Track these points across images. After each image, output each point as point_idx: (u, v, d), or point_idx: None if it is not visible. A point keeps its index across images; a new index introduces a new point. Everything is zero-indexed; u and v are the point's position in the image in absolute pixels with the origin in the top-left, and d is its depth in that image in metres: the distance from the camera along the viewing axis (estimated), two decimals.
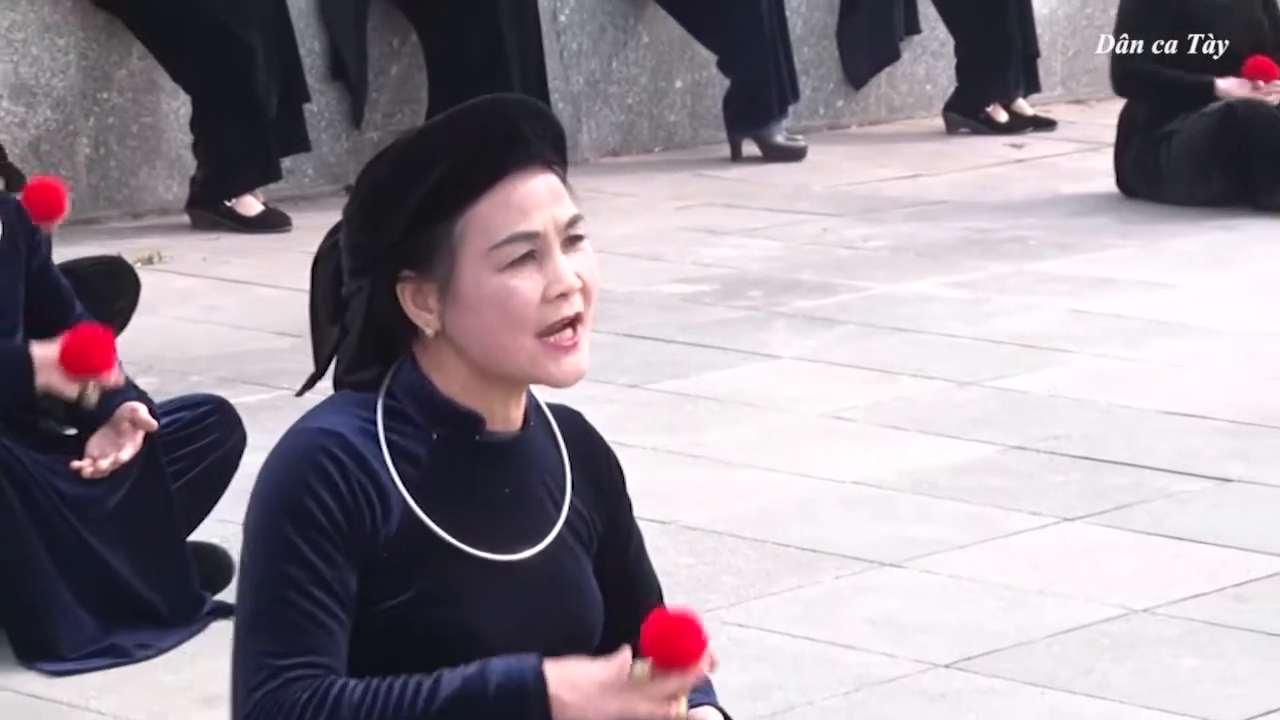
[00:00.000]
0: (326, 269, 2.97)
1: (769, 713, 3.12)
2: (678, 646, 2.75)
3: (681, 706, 2.77)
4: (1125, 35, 8.74)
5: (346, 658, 2.85)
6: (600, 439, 3.10)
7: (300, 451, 2.88)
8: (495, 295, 2.88)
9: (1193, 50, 8.60)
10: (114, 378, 4.65)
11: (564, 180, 2.87)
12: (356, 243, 2.94)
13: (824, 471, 5.70)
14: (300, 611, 2.85)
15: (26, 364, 4.63)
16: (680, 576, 3.38)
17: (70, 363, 4.61)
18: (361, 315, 2.94)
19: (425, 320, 2.89)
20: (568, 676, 2.76)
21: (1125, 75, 8.72)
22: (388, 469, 2.90)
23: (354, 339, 2.96)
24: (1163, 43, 8.61)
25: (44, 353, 4.63)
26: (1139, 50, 8.66)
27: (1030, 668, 4.53)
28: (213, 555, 4.72)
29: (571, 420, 3.10)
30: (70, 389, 4.64)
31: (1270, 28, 8.76)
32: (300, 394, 3.07)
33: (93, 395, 4.64)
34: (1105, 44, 9.12)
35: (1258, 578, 5.00)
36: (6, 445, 4.58)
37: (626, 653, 2.73)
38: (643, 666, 2.71)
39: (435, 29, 8.76)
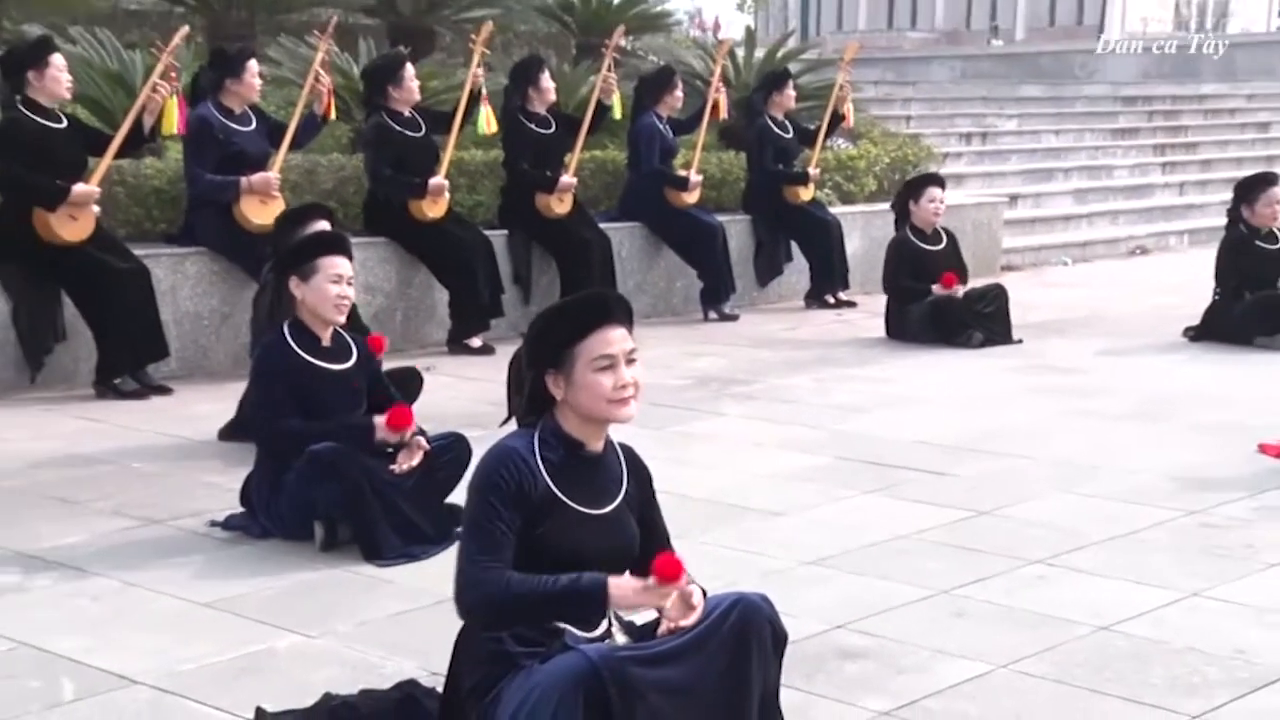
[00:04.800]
0: (515, 367, 3.04)
1: (722, 587, 3.06)
2: (668, 572, 2.83)
3: (668, 601, 2.86)
4: (890, 270, 8.69)
5: (513, 562, 2.88)
6: (641, 460, 3.22)
7: (496, 454, 2.98)
8: (591, 383, 2.92)
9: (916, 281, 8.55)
10: (412, 429, 4.73)
11: (630, 331, 2.97)
12: (529, 355, 3.00)
13: (750, 470, 5.66)
14: (490, 534, 2.88)
15: (370, 430, 4.71)
16: (678, 522, 3.32)
17: (392, 425, 4.70)
18: (528, 389, 2.99)
19: (558, 393, 2.93)
20: (618, 582, 2.86)
21: (894, 286, 8.66)
22: (539, 466, 2.96)
23: (525, 401, 3.01)
24: (905, 276, 8.52)
25: (378, 421, 4.71)
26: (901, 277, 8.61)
27: (850, 564, 4.49)
28: (454, 509, 4.68)
29: (629, 450, 3.19)
30: (392, 439, 4.72)
31: (959, 258, 8.73)
32: (501, 425, 3.15)
33: (405, 438, 4.73)
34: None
35: (957, 520, 4.96)
36: (363, 458, 4.60)
37: (650, 579, 2.84)
38: (653, 580, 2.83)
39: (563, 260, 8.75)
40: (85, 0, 10.83)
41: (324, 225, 5.52)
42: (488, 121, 8.42)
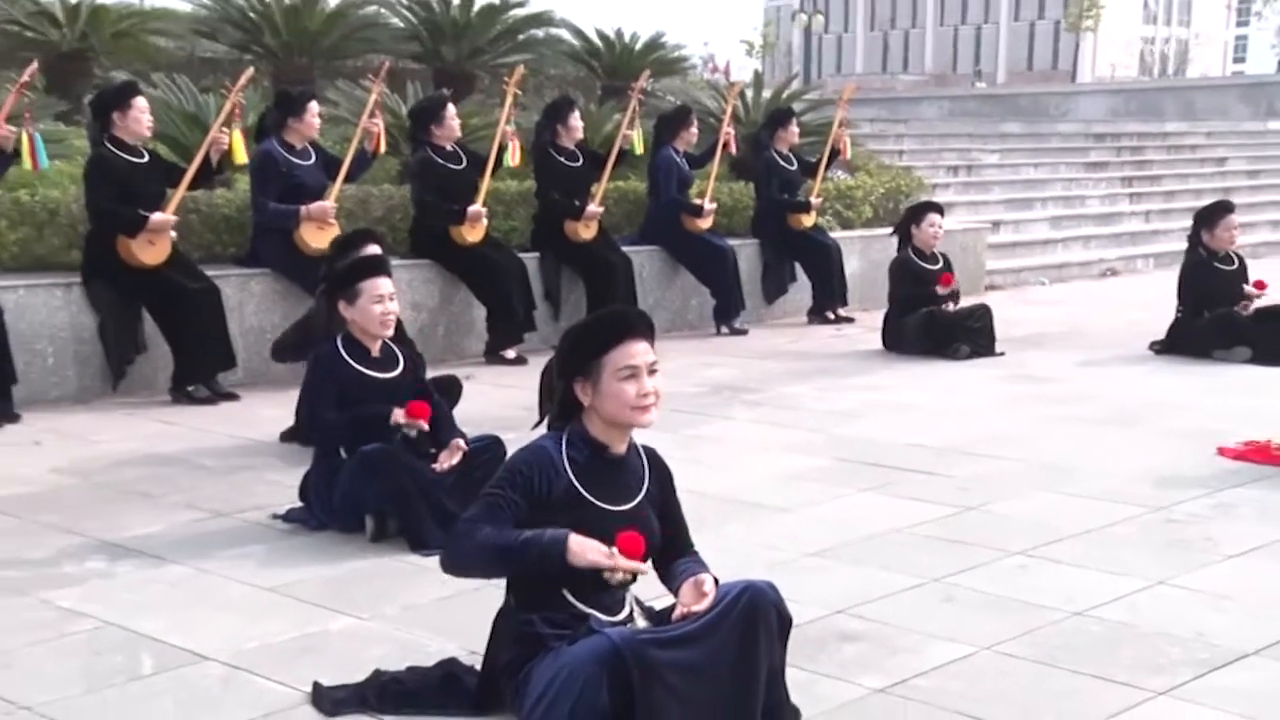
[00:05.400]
0: (547, 377, 3.03)
1: (733, 575, 3.04)
2: (629, 549, 2.85)
3: (618, 573, 2.85)
4: (895, 285, 8.66)
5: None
6: (662, 461, 3.17)
7: (526, 451, 3.00)
8: (616, 391, 2.90)
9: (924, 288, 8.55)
10: (424, 423, 4.72)
11: (651, 344, 2.94)
12: (560, 365, 2.98)
13: (758, 470, 5.63)
14: (491, 506, 2.89)
15: (387, 418, 4.69)
16: (693, 516, 3.31)
17: (410, 415, 4.68)
18: (559, 396, 2.98)
19: (585, 399, 2.91)
20: (579, 539, 2.83)
21: (900, 297, 8.61)
22: (565, 464, 2.94)
23: (555, 406, 2.99)
24: (910, 288, 8.49)
25: (396, 412, 4.69)
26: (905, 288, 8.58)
27: (849, 555, 4.47)
28: None
29: (651, 451, 3.17)
30: (406, 424, 4.69)
31: (945, 266, 8.74)
32: (532, 429, 3.14)
33: (421, 426, 4.71)
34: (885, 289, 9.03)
35: (946, 515, 4.92)
36: (409, 460, 4.59)
37: (614, 549, 2.84)
38: (616, 550, 2.84)
39: (590, 279, 8.74)
40: (165, 50, 10.92)
41: (374, 248, 5.52)
42: (513, 155, 8.44)
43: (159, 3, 12.19)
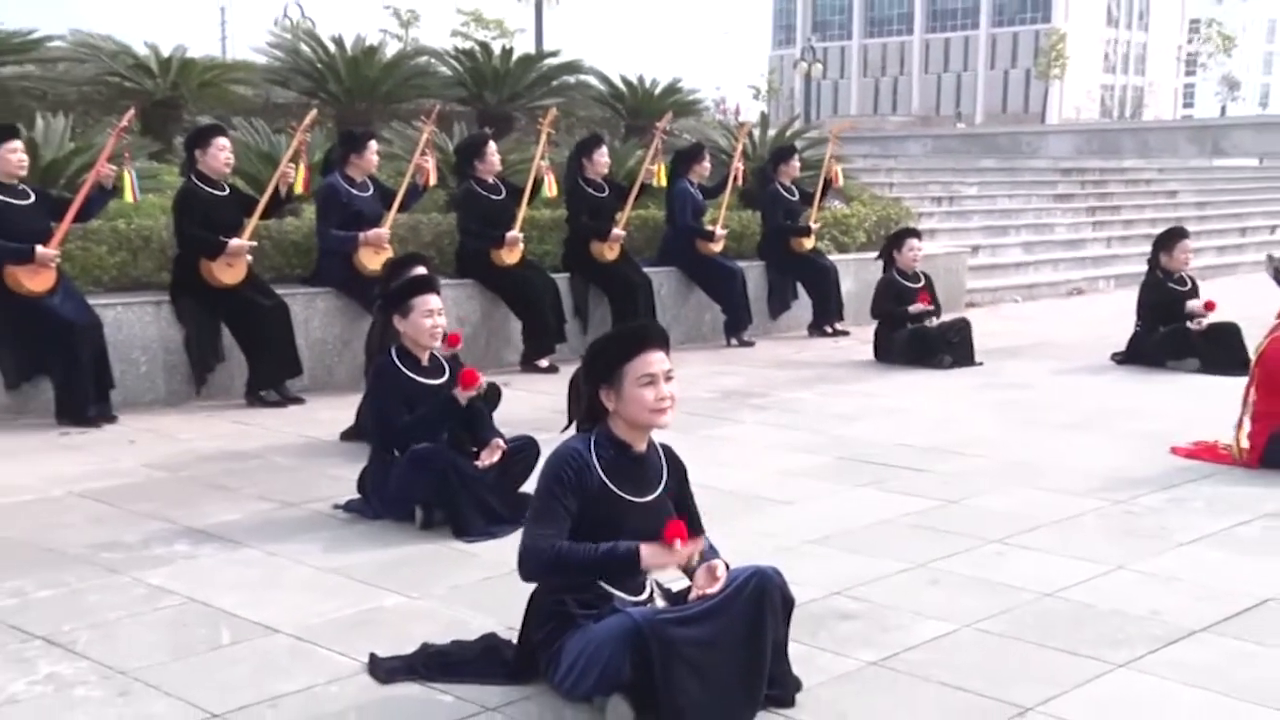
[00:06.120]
0: (575, 384, 3.00)
1: (740, 561, 3.02)
2: (676, 533, 2.83)
3: (692, 560, 2.86)
4: (878, 300, 8.64)
5: (568, 536, 2.86)
6: (678, 457, 3.15)
7: (560, 453, 2.95)
8: (637, 396, 2.88)
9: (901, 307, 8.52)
10: (481, 385, 4.67)
11: (667, 354, 2.93)
12: (585, 374, 2.96)
13: (764, 467, 5.61)
14: (551, 514, 2.87)
15: (455, 400, 4.64)
16: (707, 509, 3.29)
17: (464, 384, 4.64)
18: (586, 402, 2.96)
19: (609, 405, 2.89)
20: (649, 546, 2.84)
21: (879, 312, 8.59)
22: (595, 463, 2.92)
23: (583, 410, 2.98)
24: (890, 305, 8.48)
25: (456, 392, 4.63)
26: (885, 305, 8.59)
27: (846, 543, 4.44)
28: (527, 496, 4.64)
29: (668, 449, 3.14)
30: (468, 394, 4.64)
31: (933, 295, 8.71)
32: (563, 431, 3.12)
33: (474, 393, 4.65)
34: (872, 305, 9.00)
35: (932, 507, 4.89)
36: (454, 458, 4.58)
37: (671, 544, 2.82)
38: (669, 544, 2.82)
39: (614, 297, 8.72)
40: (244, 97, 11.00)
41: (421, 269, 5.53)
42: (549, 187, 8.46)
43: (238, 55, 12.28)
